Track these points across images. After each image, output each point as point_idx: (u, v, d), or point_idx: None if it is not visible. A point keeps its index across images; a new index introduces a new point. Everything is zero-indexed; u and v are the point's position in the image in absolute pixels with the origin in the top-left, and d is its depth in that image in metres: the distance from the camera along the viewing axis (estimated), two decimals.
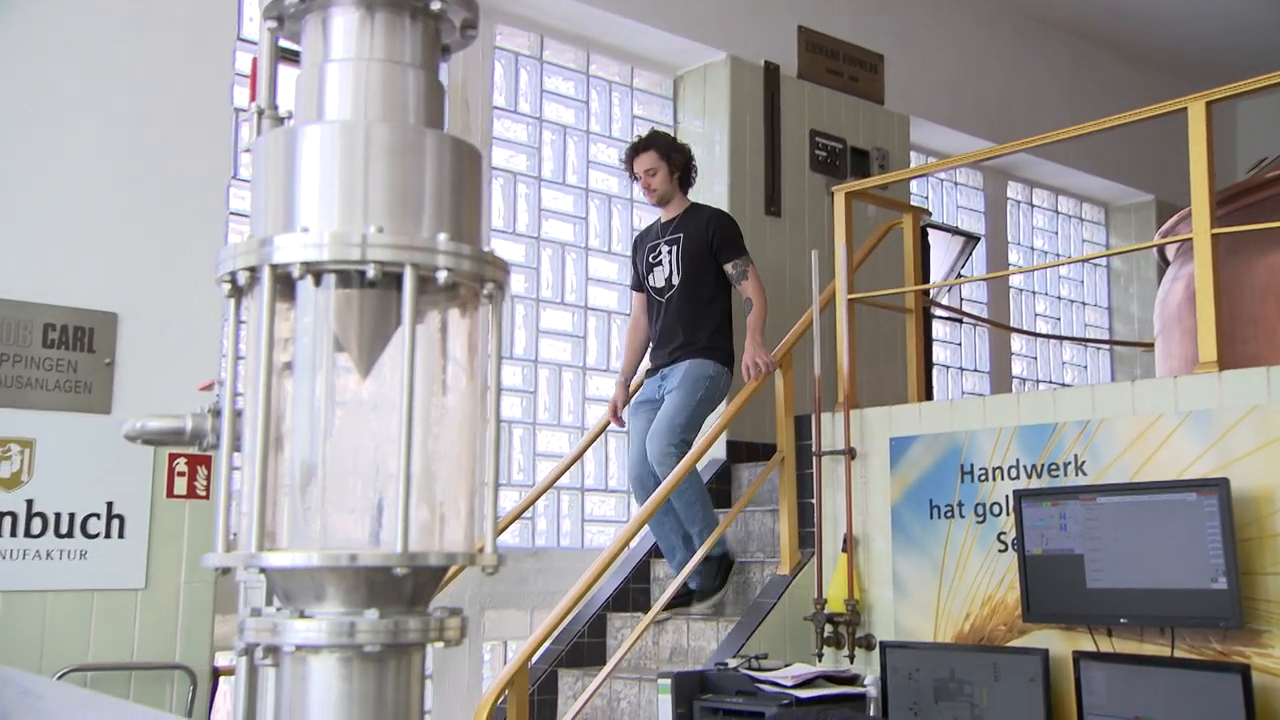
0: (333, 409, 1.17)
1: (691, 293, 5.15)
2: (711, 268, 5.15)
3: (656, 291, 5.23)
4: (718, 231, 5.15)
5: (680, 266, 5.16)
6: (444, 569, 1.16)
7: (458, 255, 1.13)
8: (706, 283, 5.16)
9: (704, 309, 5.15)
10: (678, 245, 5.18)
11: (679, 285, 5.16)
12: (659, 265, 5.21)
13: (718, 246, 5.14)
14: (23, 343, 4.13)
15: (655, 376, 5.21)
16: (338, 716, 1.11)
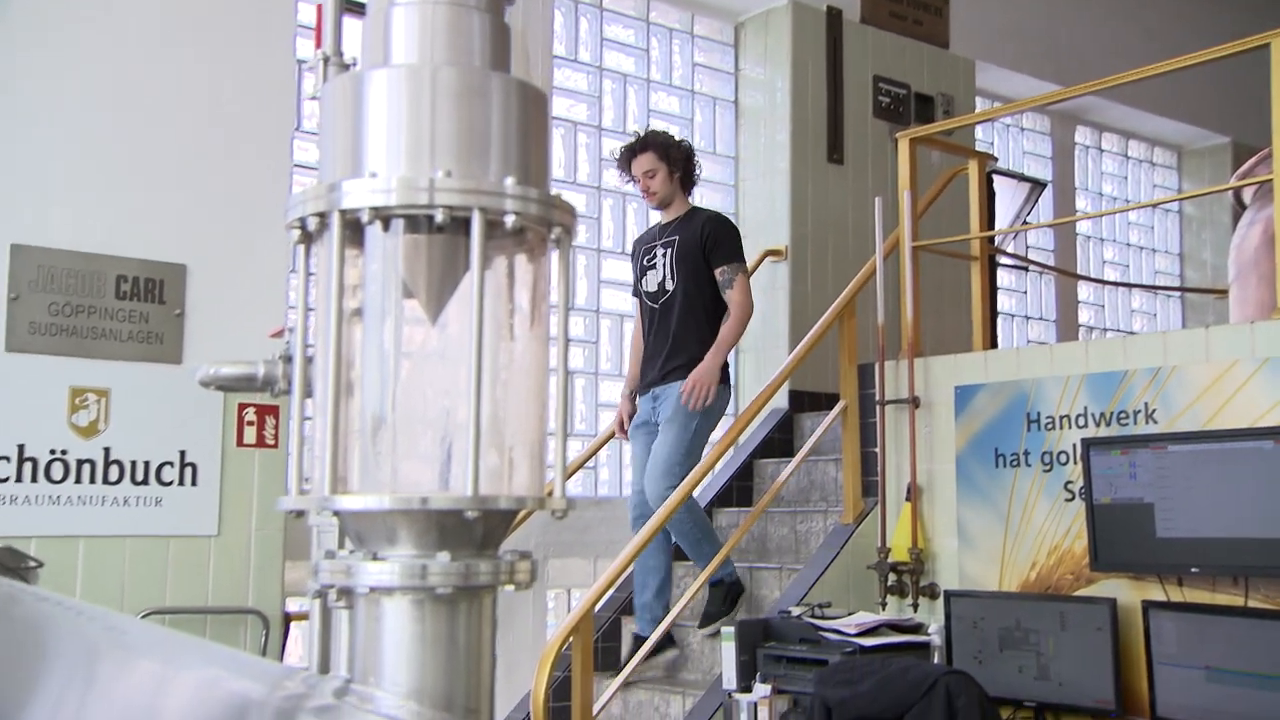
0: (401, 355, 1.18)
1: (686, 300, 4.75)
2: (708, 274, 4.76)
3: (649, 297, 4.83)
4: (712, 234, 4.75)
5: (675, 271, 4.76)
6: (514, 513, 1.16)
7: (525, 199, 1.12)
8: (703, 290, 4.75)
9: (699, 318, 4.75)
10: (673, 249, 4.79)
11: (673, 291, 4.77)
12: (653, 269, 4.82)
13: (710, 249, 4.74)
14: (97, 294, 4.21)
15: (647, 396, 4.80)
16: (410, 658, 1.13)
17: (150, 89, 4.41)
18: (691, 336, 4.73)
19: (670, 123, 6.53)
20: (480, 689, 1.14)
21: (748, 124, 6.67)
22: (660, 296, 4.79)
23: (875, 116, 6.83)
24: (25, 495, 3.99)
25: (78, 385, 4.12)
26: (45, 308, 4.11)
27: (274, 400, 4.54)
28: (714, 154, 6.64)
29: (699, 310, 4.73)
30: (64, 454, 4.07)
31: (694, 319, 4.72)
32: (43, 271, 4.11)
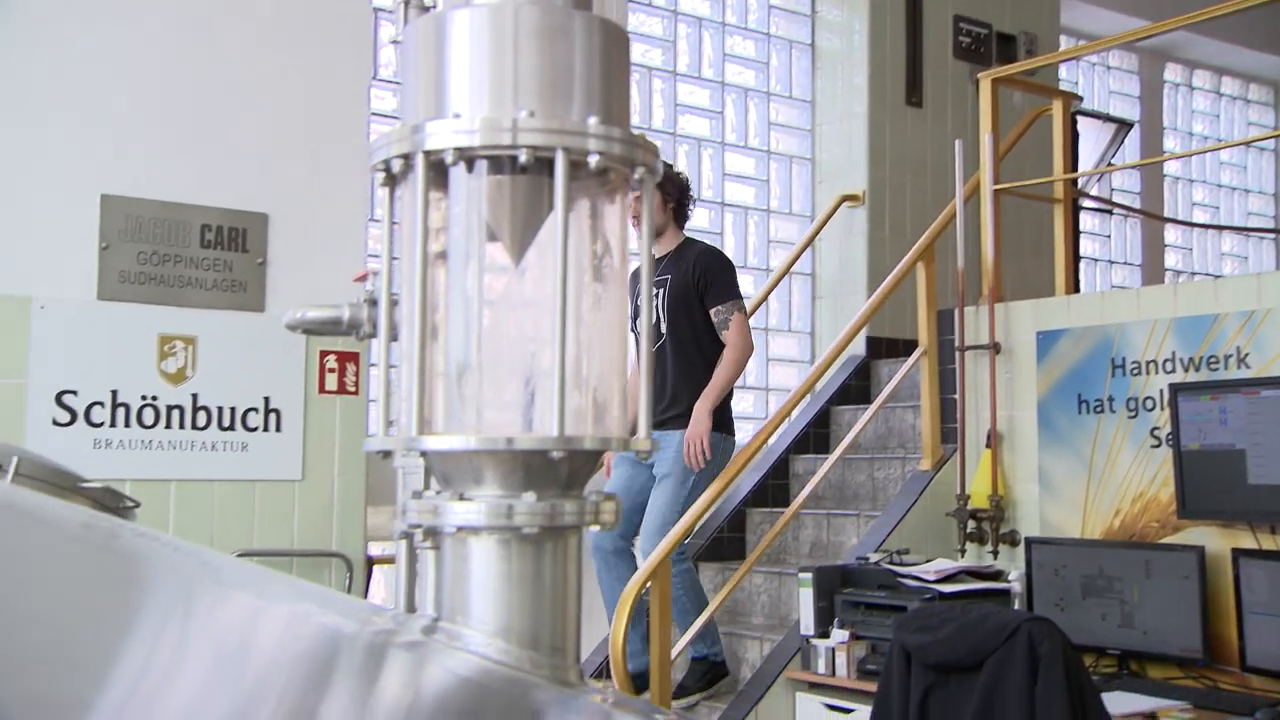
0: (486, 296, 1.18)
1: (679, 345, 4.40)
2: (702, 313, 4.40)
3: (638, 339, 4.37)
4: (705, 271, 4.37)
5: (667, 312, 4.41)
6: (599, 453, 1.16)
7: (609, 138, 1.11)
8: (697, 332, 4.40)
9: (694, 362, 4.40)
10: (664, 290, 4.42)
11: (666, 334, 4.44)
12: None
13: (704, 288, 4.37)
14: (183, 244, 4.28)
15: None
16: (497, 597, 1.14)
17: (231, 40, 4.45)
18: (686, 384, 4.42)
19: (746, 67, 6.46)
20: (566, 628, 1.15)
21: (825, 67, 6.57)
22: (654, 339, 4.35)
23: (955, 57, 6.68)
24: (119, 440, 4.11)
25: (166, 333, 4.21)
26: (134, 257, 4.19)
27: (354, 347, 4.62)
28: (790, 98, 6.55)
29: (694, 354, 4.40)
30: (154, 400, 4.17)
31: (689, 364, 4.40)
32: (131, 221, 4.19)
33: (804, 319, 6.52)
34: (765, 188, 6.47)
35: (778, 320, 6.45)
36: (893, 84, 6.41)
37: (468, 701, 0.98)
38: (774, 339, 6.45)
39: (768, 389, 6.40)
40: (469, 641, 1.13)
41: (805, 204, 6.55)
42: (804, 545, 5.25)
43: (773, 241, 6.47)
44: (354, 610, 1.49)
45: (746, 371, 6.39)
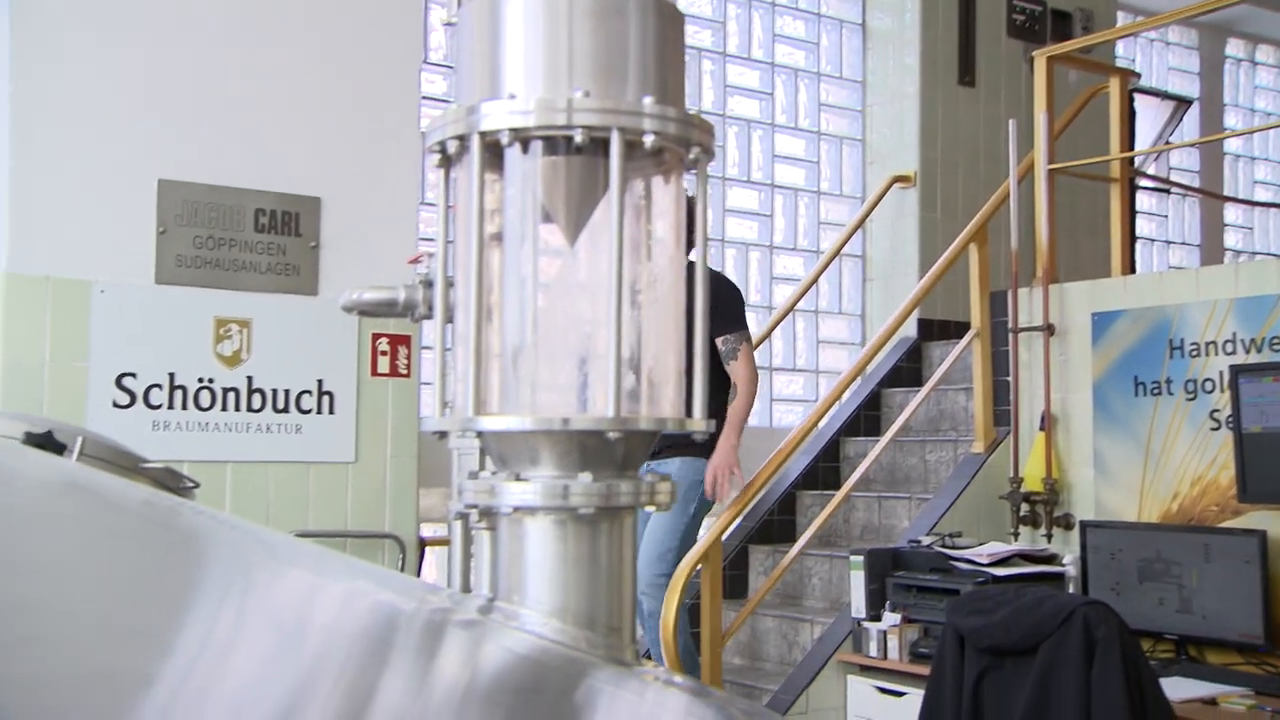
0: (540, 278, 1.18)
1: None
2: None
3: None
4: (713, 298, 4.09)
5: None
6: (653, 434, 1.16)
7: (663, 118, 1.11)
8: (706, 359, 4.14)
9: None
10: None
11: None
12: None
13: (711, 315, 4.10)
14: (237, 227, 4.33)
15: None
16: (553, 577, 1.14)
17: (284, 25, 4.48)
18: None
19: (796, 47, 6.41)
20: (622, 608, 1.15)
21: (876, 47, 6.50)
22: None
23: (1009, 36, 6.59)
24: (177, 421, 4.16)
25: (221, 316, 4.26)
26: (190, 241, 4.24)
27: (406, 330, 4.65)
28: (840, 79, 6.50)
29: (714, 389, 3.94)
30: (210, 382, 4.22)
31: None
32: (187, 206, 4.24)
33: (854, 301, 6.48)
34: (815, 169, 6.43)
35: (828, 303, 6.41)
36: (945, 63, 6.34)
37: (526, 679, 0.99)
38: (824, 321, 6.42)
39: (818, 371, 6.37)
40: (525, 621, 1.13)
41: (856, 185, 6.50)
42: (855, 528, 5.23)
43: (823, 223, 6.43)
44: (411, 589, 1.51)
45: (797, 354, 6.38)
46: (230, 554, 1.11)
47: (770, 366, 6.22)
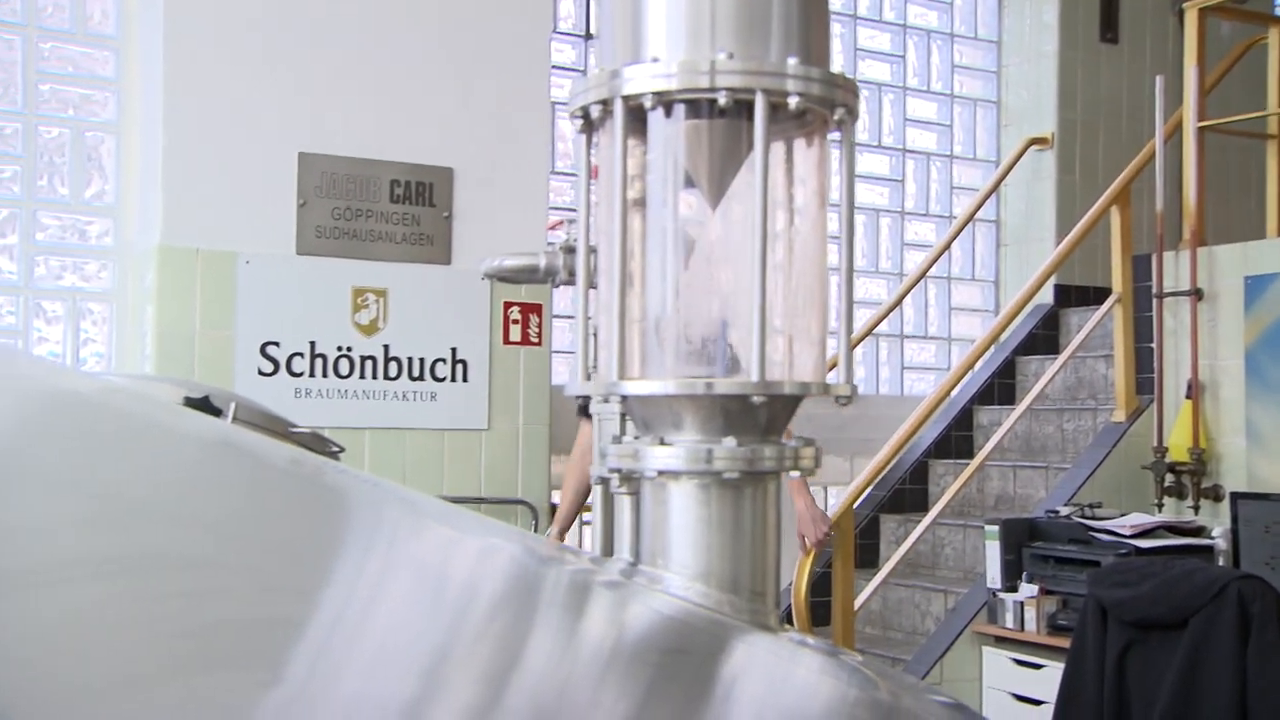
0: (683, 242, 1.18)
1: None
2: None
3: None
4: None
5: None
6: (798, 398, 1.15)
7: (808, 79, 1.09)
8: None
9: None
10: None
11: None
12: None
13: None
14: (373, 198, 4.42)
15: None
16: (697, 541, 1.14)
17: None
18: None
19: (929, 7, 6.26)
20: (765, 573, 1.15)
21: (1012, 6, 6.31)
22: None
23: None
24: (318, 389, 4.29)
25: (359, 286, 4.37)
26: (329, 212, 4.35)
27: (538, 298, 4.70)
28: (975, 39, 6.33)
29: None
30: (349, 351, 4.34)
31: None
32: (325, 178, 4.34)
33: (988, 267, 6.34)
34: (948, 133, 6.29)
35: (960, 268, 6.28)
36: (1085, 20, 6.12)
37: (672, 640, 0.99)
38: (956, 288, 6.29)
39: (950, 339, 6.25)
40: (669, 585, 1.14)
41: (990, 149, 6.34)
42: (989, 498, 5.13)
43: (955, 188, 6.30)
44: (553, 550, 1.53)
45: (929, 322, 6.27)
46: (377, 511, 1.14)
47: (901, 334, 6.13)
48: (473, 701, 0.72)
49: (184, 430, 1.22)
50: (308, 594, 0.86)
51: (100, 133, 4.38)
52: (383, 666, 0.75)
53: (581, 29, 5.34)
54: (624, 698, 0.83)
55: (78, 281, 4.36)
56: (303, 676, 0.68)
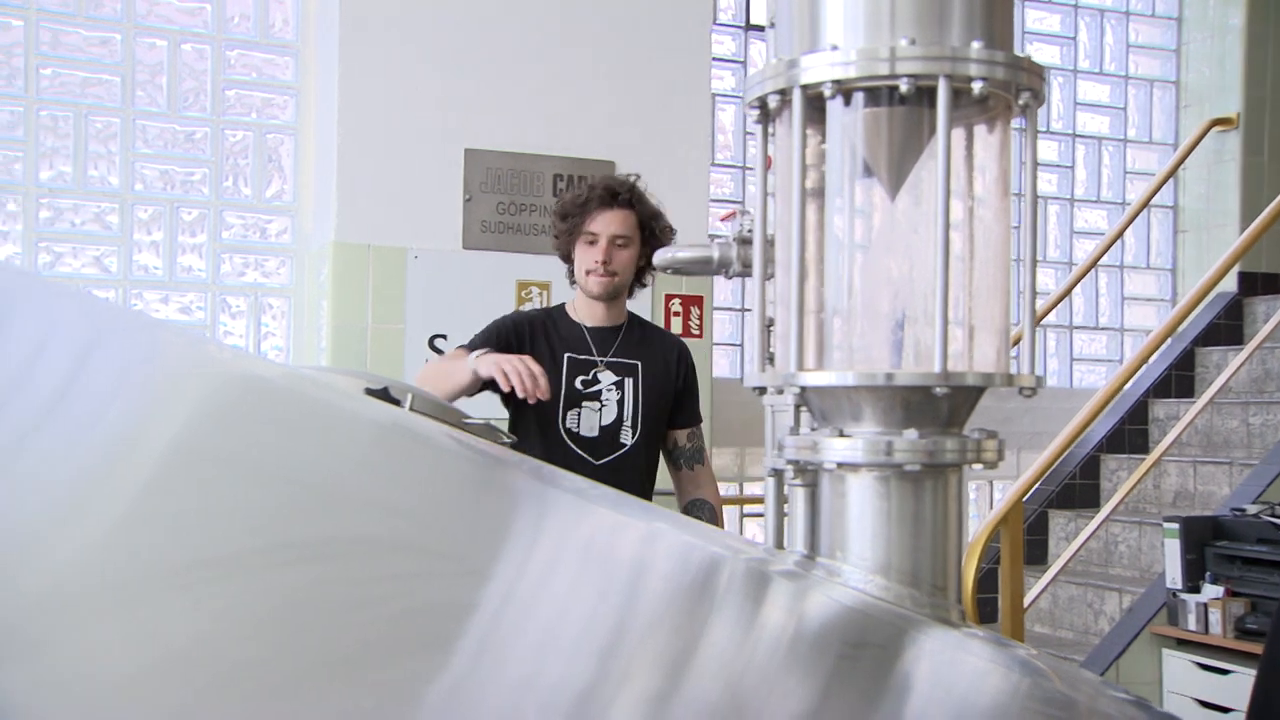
0: (862, 232, 1.17)
1: (648, 466, 2.94)
2: (664, 430, 2.98)
3: (580, 443, 2.85)
4: (690, 375, 3.03)
5: (644, 410, 2.90)
6: (979, 390, 1.13)
7: (992, 63, 1.07)
8: (654, 452, 2.98)
9: (649, 494, 3.02)
10: (638, 378, 2.92)
11: (639, 440, 2.89)
12: (594, 401, 2.88)
13: (684, 397, 3.00)
14: (537, 193, 4.50)
15: None
16: (877, 534, 1.13)
17: None
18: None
19: None
20: (947, 567, 1.13)
21: None
22: (604, 448, 2.86)
23: None
24: None
25: (523, 279, 4.45)
26: (493, 207, 4.44)
27: (699, 290, 4.70)
28: (1152, 17, 6.07)
29: (647, 483, 2.96)
30: None
31: (649, 487, 2.98)
32: (490, 173, 4.44)
33: (1164, 255, 6.08)
34: (1122, 116, 6.06)
35: (1134, 257, 6.05)
36: None
37: (854, 632, 0.98)
38: (1130, 277, 6.06)
39: (1123, 329, 6.03)
40: (848, 577, 1.13)
41: (1167, 131, 6.08)
42: (1166, 494, 4.93)
43: (1129, 173, 6.06)
44: (728, 540, 1.53)
45: (1099, 312, 6.05)
46: (547, 495, 1.16)
47: (1070, 324, 5.94)
48: (663, 687, 0.72)
49: (371, 417, 1.26)
50: (494, 579, 0.88)
51: (280, 134, 4.56)
52: (572, 652, 0.77)
53: (741, 20, 5.32)
54: (808, 688, 0.82)
55: (259, 278, 4.56)
56: (491, 662, 0.70)
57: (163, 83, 4.38)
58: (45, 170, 4.25)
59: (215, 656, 0.57)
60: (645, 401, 2.89)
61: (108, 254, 4.35)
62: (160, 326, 1.20)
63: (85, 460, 0.86)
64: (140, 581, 0.65)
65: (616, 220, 2.90)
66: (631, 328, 2.99)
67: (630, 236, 2.91)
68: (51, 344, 1.10)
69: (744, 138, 5.39)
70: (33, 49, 4.22)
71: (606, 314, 2.94)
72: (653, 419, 2.91)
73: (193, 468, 0.90)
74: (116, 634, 0.57)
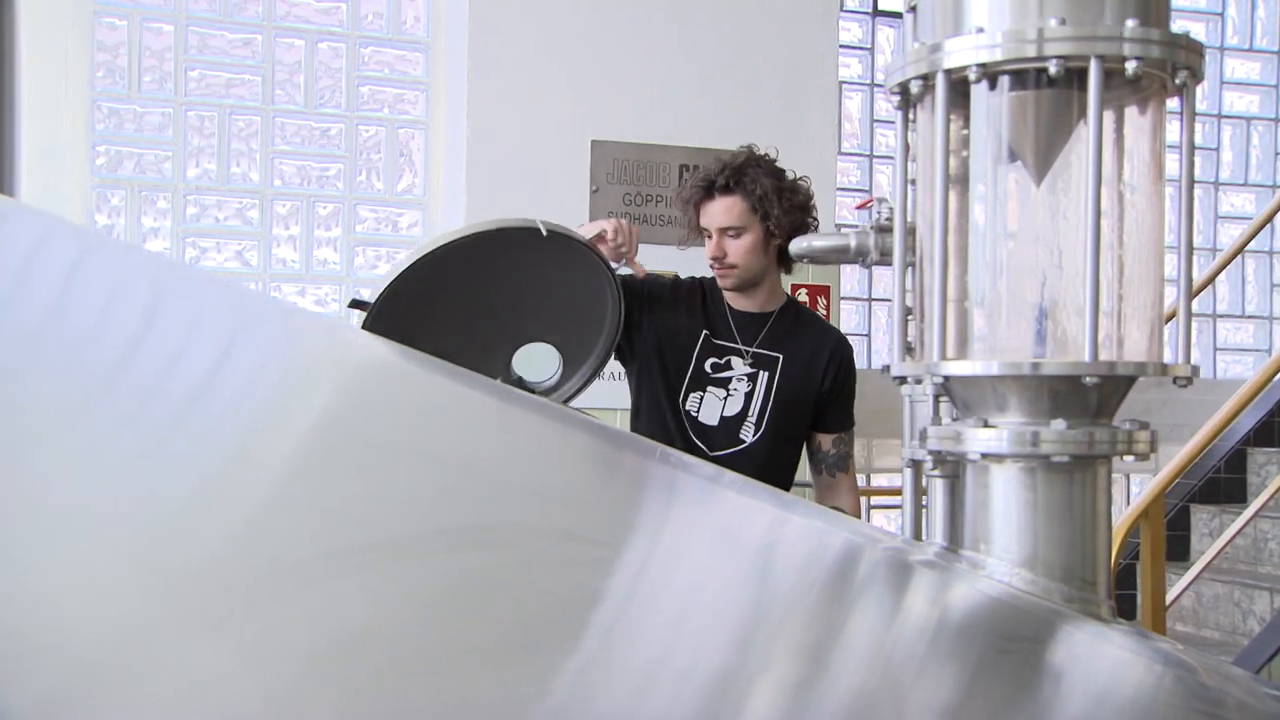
0: (1008, 219, 1.14)
1: (774, 465, 2.63)
2: (801, 432, 2.70)
3: (698, 430, 2.65)
4: (845, 377, 2.70)
5: (772, 410, 2.64)
6: (1130, 380, 1.10)
7: (1147, 41, 1.03)
8: (793, 453, 2.72)
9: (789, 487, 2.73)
10: (774, 372, 2.66)
11: (761, 440, 2.63)
12: (720, 388, 2.66)
13: (834, 401, 2.69)
14: (662, 183, 4.51)
15: None
16: (1022, 526, 1.11)
17: None
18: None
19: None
20: (1097, 561, 1.11)
21: None
22: (721, 440, 2.65)
23: None
24: (608, 371, 4.40)
25: (649, 270, 4.45)
26: (619, 198, 4.47)
27: (825, 280, 4.66)
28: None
29: (787, 472, 2.70)
30: None
31: (782, 487, 2.73)
32: (616, 164, 4.46)
33: None
34: (1272, 94, 5.80)
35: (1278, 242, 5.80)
36: None
37: (1002, 624, 0.97)
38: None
39: (1271, 318, 5.79)
40: (992, 570, 1.11)
41: None
42: None
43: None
44: (869, 531, 1.52)
45: (1245, 300, 5.81)
46: (702, 488, 1.16)
47: (1214, 313, 5.72)
48: (816, 674, 0.72)
49: (503, 403, 1.28)
50: (648, 565, 0.89)
51: (411, 129, 4.66)
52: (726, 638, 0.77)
53: (869, 6, 5.24)
54: (960, 680, 0.81)
55: None
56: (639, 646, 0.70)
57: (300, 81, 4.51)
58: (192, 168, 4.42)
59: (385, 638, 0.59)
60: (777, 399, 2.63)
61: (249, 248, 4.50)
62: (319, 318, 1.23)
63: (247, 444, 0.89)
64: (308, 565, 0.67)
65: (720, 211, 2.65)
66: (784, 316, 2.71)
67: (742, 225, 2.63)
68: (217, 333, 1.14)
69: (871, 126, 5.31)
70: (181, 52, 4.39)
71: (753, 299, 2.69)
72: (783, 419, 2.63)
73: (343, 452, 0.92)
74: (293, 615, 0.59)
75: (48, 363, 0.91)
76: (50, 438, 0.79)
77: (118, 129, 4.36)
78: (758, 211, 2.62)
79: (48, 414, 0.81)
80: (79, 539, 0.66)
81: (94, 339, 0.98)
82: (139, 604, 0.59)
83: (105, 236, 4.01)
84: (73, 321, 1.00)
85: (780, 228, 2.59)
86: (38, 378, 0.87)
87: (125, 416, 0.86)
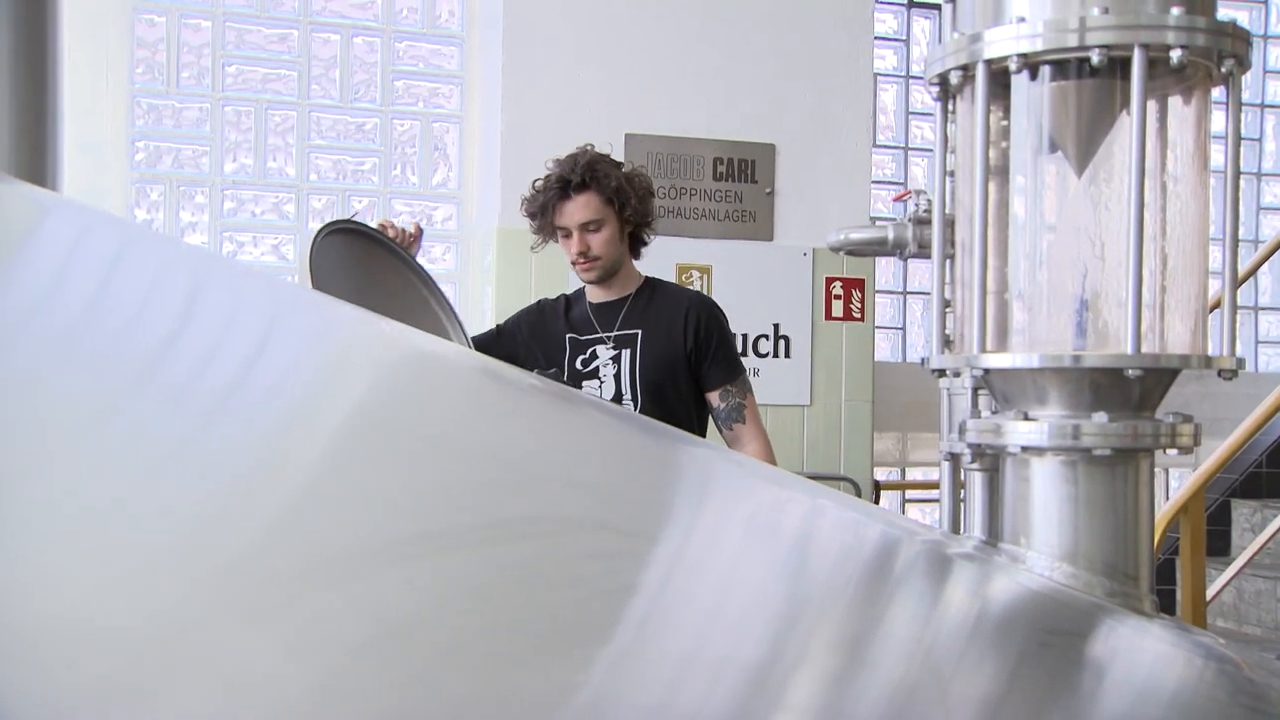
0: (1049, 211, 1.13)
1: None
2: (688, 395, 2.81)
3: None
4: (705, 331, 2.82)
5: (639, 389, 2.78)
6: (1173, 373, 1.09)
7: (1192, 29, 1.02)
8: (677, 418, 2.72)
9: None
10: (632, 352, 2.79)
11: (643, 412, 2.78)
12: (592, 379, 2.82)
13: (702, 356, 2.80)
14: (697, 176, 4.50)
15: None
16: (1063, 520, 1.10)
17: None
18: None
19: None
20: (1139, 556, 1.10)
21: None
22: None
23: None
24: None
25: (683, 263, 4.46)
26: None
27: (860, 273, 4.65)
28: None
29: None
30: None
31: None
32: (650, 157, 4.46)
33: None
34: None
35: None
36: None
37: (1044, 617, 0.96)
38: None
39: None
40: (1032, 563, 1.11)
41: None
42: None
43: None
44: (904, 524, 1.51)
45: None
46: (742, 482, 1.16)
47: (1255, 305, 5.65)
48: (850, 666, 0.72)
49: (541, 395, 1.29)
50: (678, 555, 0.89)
51: (446, 123, 4.67)
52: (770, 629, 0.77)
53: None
54: (1002, 672, 0.81)
55: (425, 264, 4.67)
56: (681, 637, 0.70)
57: (335, 76, 4.54)
58: (229, 163, 4.45)
59: (425, 630, 0.59)
60: (643, 367, 2.77)
61: (285, 242, 4.53)
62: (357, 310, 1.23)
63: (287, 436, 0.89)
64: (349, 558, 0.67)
65: (579, 208, 2.77)
66: (640, 295, 2.87)
67: (600, 218, 2.77)
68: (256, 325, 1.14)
69: (906, 118, 5.28)
70: (219, 47, 4.42)
71: (610, 289, 2.86)
72: (655, 385, 2.76)
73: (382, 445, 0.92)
74: (335, 608, 0.60)
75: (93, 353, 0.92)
76: (94, 429, 0.80)
77: (156, 124, 4.40)
78: (614, 203, 2.78)
79: (93, 404, 0.82)
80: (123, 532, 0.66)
81: (135, 330, 0.99)
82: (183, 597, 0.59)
83: (146, 229, 4.05)
84: (115, 312, 1.01)
85: (635, 215, 2.80)
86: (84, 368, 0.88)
87: (167, 407, 0.87)
